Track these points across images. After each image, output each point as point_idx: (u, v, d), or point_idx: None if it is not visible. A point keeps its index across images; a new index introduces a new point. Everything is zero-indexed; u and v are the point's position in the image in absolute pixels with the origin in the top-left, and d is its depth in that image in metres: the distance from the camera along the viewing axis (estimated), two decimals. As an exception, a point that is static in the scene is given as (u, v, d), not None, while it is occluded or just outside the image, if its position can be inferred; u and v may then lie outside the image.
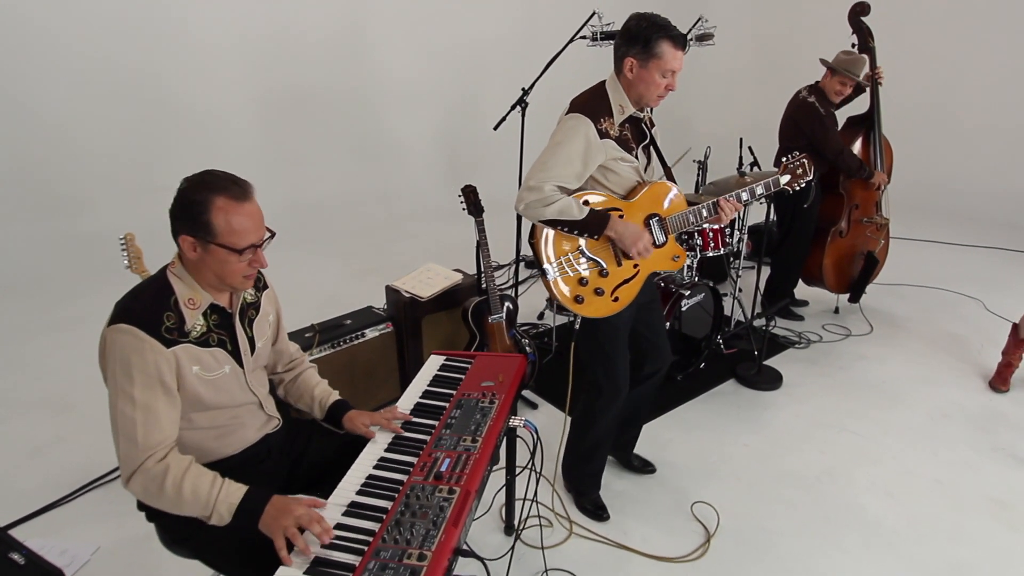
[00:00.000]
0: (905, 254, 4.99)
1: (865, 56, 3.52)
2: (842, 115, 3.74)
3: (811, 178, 2.34)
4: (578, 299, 2.05)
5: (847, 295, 4.11)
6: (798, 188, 2.33)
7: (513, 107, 3.19)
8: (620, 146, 1.99)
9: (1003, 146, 5.94)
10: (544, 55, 3.12)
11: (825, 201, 3.84)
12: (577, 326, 2.19)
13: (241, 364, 1.57)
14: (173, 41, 4.94)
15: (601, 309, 2.09)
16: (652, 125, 2.16)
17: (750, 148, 3.92)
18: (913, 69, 6.15)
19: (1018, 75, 5.89)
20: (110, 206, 4.78)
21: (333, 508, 1.43)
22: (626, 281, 2.10)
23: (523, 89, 3.15)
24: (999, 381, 3.27)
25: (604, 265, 2.06)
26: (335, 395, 1.82)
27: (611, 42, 3.20)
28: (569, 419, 2.43)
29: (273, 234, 1.51)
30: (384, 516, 1.39)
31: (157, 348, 1.39)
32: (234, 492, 1.41)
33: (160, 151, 4.89)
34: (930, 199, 6.11)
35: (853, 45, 3.65)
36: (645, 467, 2.69)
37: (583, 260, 2.05)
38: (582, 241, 2.04)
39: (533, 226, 2.04)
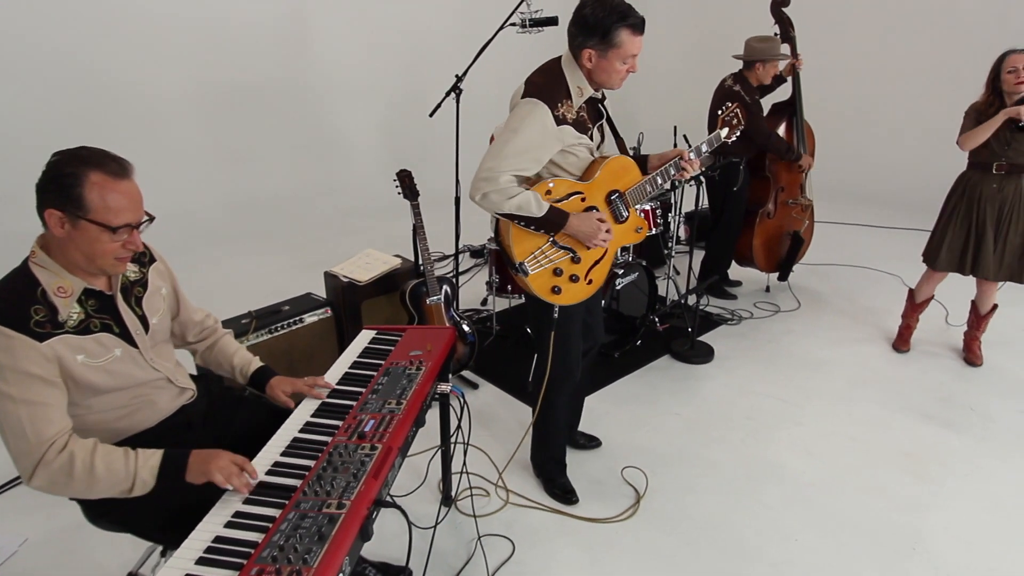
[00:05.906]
0: (832, 236, 5.25)
1: (776, 37, 3.72)
2: (767, 102, 3.93)
3: (744, 127, 2.39)
4: (555, 290, 2.04)
5: (776, 274, 4.30)
6: (736, 137, 2.36)
7: (447, 94, 3.23)
8: (577, 129, 1.94)
9: (921, 135, 6.31)
10: (482, 44, 3.18)
11: (753, 184, 4.02)
12: (556, 314, 2.12)
13: (135, 344, 1.51)
14: (109, 28, 4.80)
15: (579, 295, 2.09)
16: (604, 98, 2.11)
17: (684, 136, 4.07)
18: (836, 61, 6.46)
19: (935, 67, 6.25)
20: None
21: (257, 468, 1.46)
22: (597, 262, 2.11)
23: (456, 76, 3.20)
24: (900, 342, 3.54)
25: (575, 251, 2.05)
26: (256, 362, 1.81)
27: (540, 29, 3.31)
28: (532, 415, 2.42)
29: (152, 218, 1.45)
30: (307, 473, 1.43)
31: (28, 343, 1.31)
32: (152, 456, 1.41)
33: (92, 144, 4.73)
34: (854, 185, 6.46)
35: (776, 34, 3.84)
36: (590, 442, 2.76)
37: (555, 250, 2.03)
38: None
39: (498, 225, 2.01)
